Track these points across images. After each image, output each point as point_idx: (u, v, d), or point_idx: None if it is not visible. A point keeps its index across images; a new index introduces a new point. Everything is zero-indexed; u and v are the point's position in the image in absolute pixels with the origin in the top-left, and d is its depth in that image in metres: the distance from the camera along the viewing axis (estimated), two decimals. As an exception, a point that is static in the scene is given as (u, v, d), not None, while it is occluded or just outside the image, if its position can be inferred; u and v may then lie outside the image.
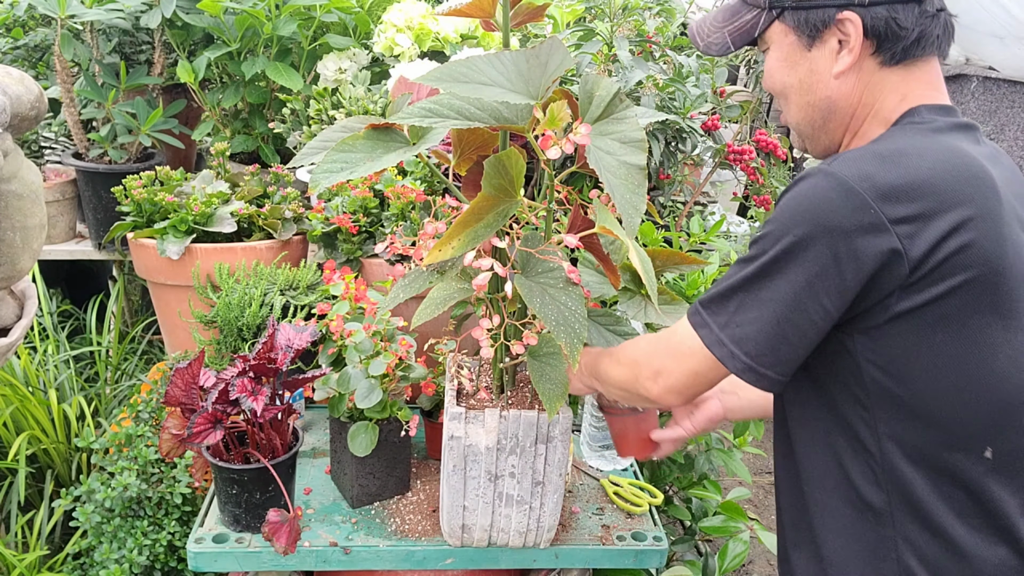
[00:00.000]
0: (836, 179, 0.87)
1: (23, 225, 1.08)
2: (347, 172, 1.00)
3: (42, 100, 1.07)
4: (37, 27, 2.28)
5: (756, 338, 0.91)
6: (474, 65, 0.95)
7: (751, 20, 1.03)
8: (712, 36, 1.08)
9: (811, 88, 1.01)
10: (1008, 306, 0.89)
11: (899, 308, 0.87)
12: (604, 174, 0.93)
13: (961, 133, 0.94)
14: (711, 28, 1.09)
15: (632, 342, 1.12)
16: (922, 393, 0.90)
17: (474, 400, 1.23)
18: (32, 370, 2.07)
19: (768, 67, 1.05)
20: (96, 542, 1.54)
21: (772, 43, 1.03)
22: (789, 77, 1.02)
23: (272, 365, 1.27)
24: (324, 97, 1.97)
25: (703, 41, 1.10)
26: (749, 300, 0.92)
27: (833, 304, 0.89)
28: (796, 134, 1.10)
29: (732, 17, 1.06)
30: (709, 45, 1.09)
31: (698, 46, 1.11)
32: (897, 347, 0.89)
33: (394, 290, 1.17)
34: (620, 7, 1.87)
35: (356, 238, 1.68)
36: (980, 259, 0.86)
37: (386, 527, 1.35)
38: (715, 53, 1.08)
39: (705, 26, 1.10)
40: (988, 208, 0.87)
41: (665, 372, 1.00)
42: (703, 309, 0.96)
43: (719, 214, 2.34)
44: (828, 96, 1.00)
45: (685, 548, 1.79)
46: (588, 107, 1.00)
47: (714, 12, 1.12)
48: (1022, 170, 1.07)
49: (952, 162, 0.88)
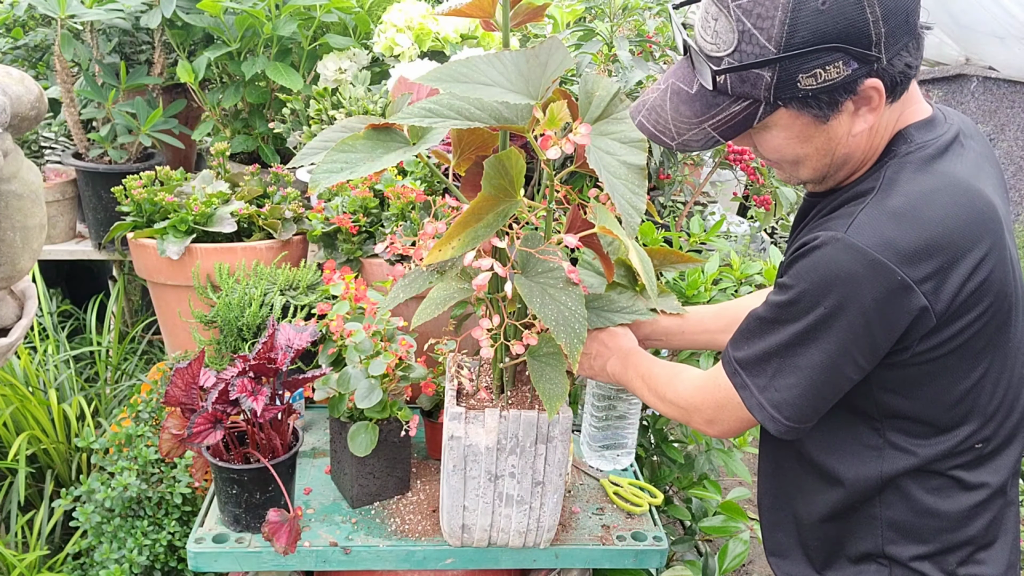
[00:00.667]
0: (859, 251, 0.88)
1: (23, 225, 1.08)
2: (347, 172, 1.01)
3: (42, 100, 1.07)
4: (37, 27, 2.28)
5: (795, 403, 0.96)
6: (474, 65, 0.95)
7: (743, 112, 0.92)
8: (688, 134, 0.95)
9: (829, 152, 0.96)
10: (1009, 317, 0.94)
11: (920, 348, 0.92)
12: (604, 174, 0.93)
13: (950, 152, 0.95)
14: (682, 125, 0.95)
15: (670, 379, 1.14)
16: (930, 406, 0.96)
17: (474, 400, 1.23)
18: (32, 370, 2.07)
19: (771, 144, 0.96)
20: (96, 542, 1.54)
21: (776, 126, 0.94)
22: (803, 149, 0.96)
23: (272, 365, 1.27)
24: (324, 97, 1.97)
25: (674, 140, 0.96)
26: (786, 367, 0.95)
27: (867, 361, 0.93)
28: (794, 179, 1.04)
29: (710, 110, 0.93)
30: (686, 144, 0.95)
31: (666, 145, 0.97)
32: (912, 375, 0.95)
33: (394, 290, 1.17)
34: (620, 7, 1.87)
35: (356, 238, 1.68)
36: (994, 289, 0.92)
37: (386, 527, 1.35)
38: (696, 150, 0.98)
39: (670, 122, 0.95)
40: (995, 241, 0.91)
41: (717, 421, 1.07)
42: (742, 370, 1.00)
43: (719, 214, 2.34)
44: (846, 153, 0.96)
45: (685, 548, 1.79)
46: (588, 107, 1.00)
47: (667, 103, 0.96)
48: (1022, 170, 1.09)
49: (959, 203, 0.90)
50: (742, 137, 0.99)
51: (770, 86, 0.88)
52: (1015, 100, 5.09)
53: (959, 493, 0.99)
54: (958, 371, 0.94)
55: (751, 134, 0.98)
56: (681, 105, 0.95)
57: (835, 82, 0.87)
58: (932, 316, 0.89)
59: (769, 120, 0.93)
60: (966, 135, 1.01)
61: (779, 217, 2.34)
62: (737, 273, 1.70)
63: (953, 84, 5.20)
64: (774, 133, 0.95)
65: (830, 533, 1.07)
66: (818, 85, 0.87)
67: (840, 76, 0.87)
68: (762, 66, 0.87)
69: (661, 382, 1.15)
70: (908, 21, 0.87)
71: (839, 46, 0.85)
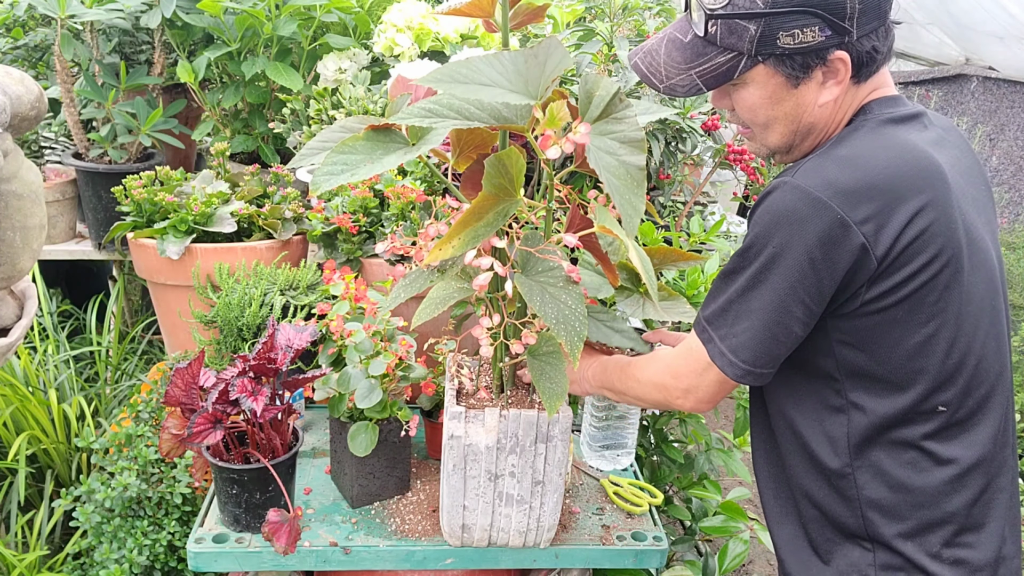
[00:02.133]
0: (802, 191, 0.95)
1: (23, 225, 1.08)
2: (347, 175, 1.01)
3: (42, 100, 1.07)
4: (37, 27, 2.28)
5: (750, 345, 1.01)
6: (474, 66, 0.95)
7: (727, 63, 1.01)
8: (676, 78, 1.05)
9: (796, 118, 1.04)
10: (958, 277, 0.98)
11: (868, 295, 0.97)
12: (604, 174, 0.93)
13: (908, 123, 1.03)
14: (672, 69, 1.05)
15: (647, 362, 1.19)
16: (884, 361, 1.00)
17: (474, 400, 1.23)
18: (32, 370, 2.07)
19: (747, 103, 1.05)
20: (96, 542, 1.54)
21: (752, 82, 1.03)
22: (774, 111, 1.04)
23: (272, 365, 1.27)
24: (324, 97, 1.97)
25: (663, 83, 1.06)
26: (742, 312, 1.01)
27: (814, 302, 0.98)
28: (763, 150, 1.12)
29: (698, 59, 1.03)
30: (673, 87, 1.05)
31: (654, 86, 1.07)
32: (865, 326, 0.99)
33: (394, 290, 1.17)
34: (620, 7, 1.87)
35: (356, 238, 1.68)
36: (936, 241, 0.95)
37: (386, 527, 1.35)
38: (680, 95, 1.06)
39: (661, 66, 1.06)
40: (938, 195, 0.96)
41: (693, 388, 1.10)
42: (708, 326, 1.06)
43: (719, 214, 2.34)
44: (811, 122, 1.05)
45: (685, 548, 1.79)
46: (588, 107, 1.00)
47: (663, 48, 1.07)
48: (1022, 170, 1.10)
49: (903, 157, 0.97)
50: (722, 95, 1.08)
51: (753, 39, 0.97)
52: (1015, 100, 5.09)
53: (932, 467, 1.01)
54: (908, 324, 0.97)
55: (730, 92, 1.06)
56: (674, 51, 1.05)
57: (810, 46, 0.97)
58: (873, 258, 0.94)
59: (748, 76, 1.02)
60: (944, 130, 1.08)
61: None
62: (737, 273, 1.70)
63: (953, 84, 5.20)
64: (751, 91, 1.03)
65: (818, 515, 1.09)
66: (795, 45, 0.97)
67: (814, 41, 0.96)
68: (749, 18, 0.97)
69: (639, 366, 1.19)
70: (880, 7, 0.97)
71: (818, 12, 0.95)
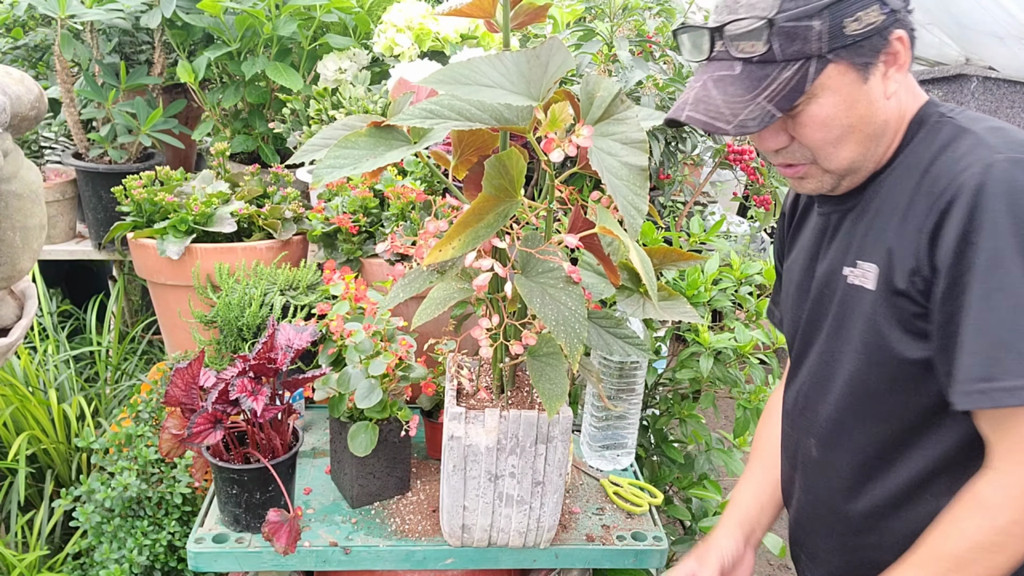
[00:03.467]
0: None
1: (23, 225, 1.08)
2: (350, 168, 1.01)
3: (42, 100, 1.07)
4: (37, 27, 2.28)
5: None
6: (475, 67, 0.95)
7: (795, 75, 0.89)
8: (744, 113, 0.90)
9: (871, 119, 0.94)
10: None
11: None
12: (606, 175, 0.93)
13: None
14: (736, 105, 0.91)
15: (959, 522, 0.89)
16: None
17: (474, 400, 1.23)
18: (32, 370, 2.06)
19: (819, 117, 0.92)
20: (96, 542, 1.54)
21: (824, 90, 0.90)
22: (849, 117, 0.92)
23: (272, 365, 1.27)
24: (324, 97, 1.97)
25: (730, 123, 0.91)
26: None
27: None
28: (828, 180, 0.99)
29: (760, 83, 0.90)
30: (743, 124, 0.90)
31: (722, 131, 0.92)
32: None
33: (394, 290, 1.17)
34: (620, 7, 1.87)
35: (356, 238, 1.68)
36: None
37: (386, 527, 1.35)
38: (753, 130, 0.91)
39: (721, 107, 0.92)
40: None
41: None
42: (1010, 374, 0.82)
43: (719, 214, 2.34)
44: (884, 119, 0.95)
45: (685, 548, 1.79)
46: (589, 108, 1.00)
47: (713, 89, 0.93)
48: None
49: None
50: (778, 131, 0.96)
51: (821, 35, 0.87)
52: (1015, 100, 5.09)
53: None
54: None
55: (789, 121, 0.95)
56: (729, 87, 0.92)
57: (874, 27, 0.88)
58: None
59: (819, 83, 0.90)
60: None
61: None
62: (737, 273, 1.70)
63: (953, 84, 5.20)
64: (822, 101, 0.91)
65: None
66: (861, 30, 0.88)
67: (877, 21, 0.88)
68: (812, 15, 0.87)
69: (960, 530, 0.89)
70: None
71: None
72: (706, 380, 1.65)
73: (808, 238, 1.13)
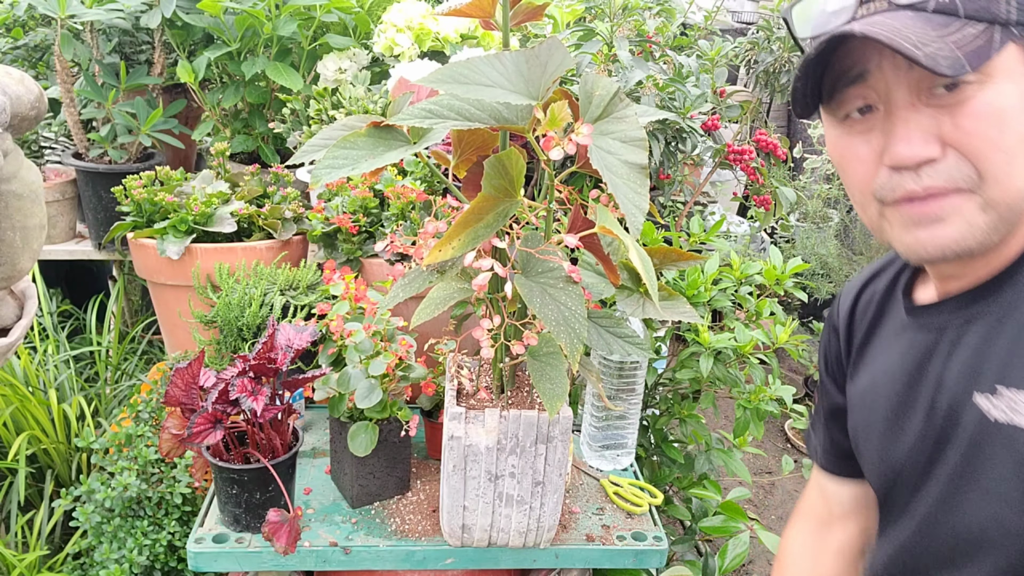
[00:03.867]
0: None
1: (23, 225, 1.08)
2: (349, 168, 1.00)
3: (42, 100, 1.07)
4: (37, 27, 2.28)
5: None
6: (474, 66, 0.95)
7: (980, 35, 0.67)
8: (933, 45, 0.66)
9: None
10: None
11: None
12: (606, 174, 0.93)
13: None
14: (925, 35, 0.66)
15: None
16: None
17: (474, 400, 1.23)
18: (32, 370, 2.07)
19: (998, 108, 0.68)
20: (96, 542, 1.54)
21: (1005, 73, 0.68)
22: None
23: (272, 365, 1.27)
24: (324, 97, 1.97)
25: (922, 50, 0.65)
26: None
27: None
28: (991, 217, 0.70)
29: (944, 27, 0.67)
30: (934, 57, 0.64)
31: (914, 56, 0.64)
32: None
33: (394, 290, 1.17)
34: (620, 7, 1.87)
35: (356, 238, 1.68)
36: None
37: (386, 527, 1.35)
38: (944, 70, 0.64)
39: (909, 30, 0.67)
40: None
41: None
42: None
43: (719, 214, 2.34)
44: None
45: (685, 548, 1.79)
46: (588, 107, 0.99)
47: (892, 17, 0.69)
48: None
49: None
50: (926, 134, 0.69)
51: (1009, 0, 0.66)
52: (1015, 100, 5.07)
53: None
54: None
55: (946, 123, 0.69)
56: (908, 21, 0.68)
57: None
58: None
59: (1000, 62, 0.67)
60: None
61: (779, 217, 2.34)
62: (737, 273, 1.70)
63: (953, 84, 5.19)
64: (1003, 89, 0.67)
65: None
66: None
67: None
68: None
69: None
70: None
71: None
72: (706, 380, 1.65)
73: (897, 357, 0.88)
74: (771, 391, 1.60)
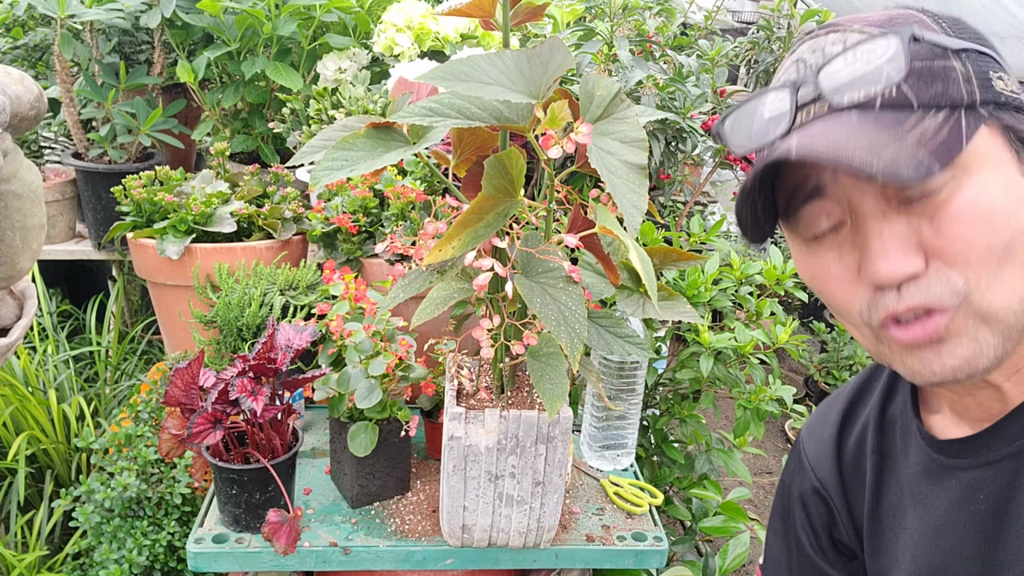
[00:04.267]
0: None
1: (23, 225, 1.08)
2: (347, 170, 1.00)
3: (42, 100, 1.07)
4: (37, 27, 2.28)
5: None
6: (475, 64, 0.94)
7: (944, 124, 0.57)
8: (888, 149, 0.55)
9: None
10: None
11: None
12: (606, 174, 0.93)
13: None
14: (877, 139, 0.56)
15: None
16: None
17: (474, 400, 1.22)
18: (32, 370, 2.06)
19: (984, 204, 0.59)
20: (96, 542, 1.54)
21: (983, 162, 0.59)
22: (1019, 215, 0.59)
23: (272, 365, 1.27)
24: (324, 97, 1.97)
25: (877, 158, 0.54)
26: None
27: None
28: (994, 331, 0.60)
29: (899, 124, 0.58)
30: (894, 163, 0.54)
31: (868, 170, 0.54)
32: None
33: (394, 290, 1.17)
34: (620, 7, 1.87)
35: (356, 238, 1.68)
36: None
37: (386, 527, 1.35)
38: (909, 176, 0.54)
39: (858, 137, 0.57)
40: None
41: None
42: None
43: (719, 214, 2.34)
44: None
45: (685, 548, 1.79)
46: (588, 107, 0.99)
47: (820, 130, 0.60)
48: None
49: None
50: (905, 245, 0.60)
51: (969, 79, 0.59)
52: (1015, 100, 5.07)
53: None
54: None
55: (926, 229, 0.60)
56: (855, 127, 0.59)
57: (1018, 97, 0.61)
58: None
59: (975, 149, 0.59)
60: None
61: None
62: (737, 273, 1.70)
63: (953, 84, 5.18)
64: (984, 181, 0.59)
65: None
66: (1009, 92, 0.61)
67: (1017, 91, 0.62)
68: (948, 55, 0.59)
69: None
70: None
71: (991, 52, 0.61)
72: (706, 380, 1.65)
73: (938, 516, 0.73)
74: (771, 391, 1.60)
